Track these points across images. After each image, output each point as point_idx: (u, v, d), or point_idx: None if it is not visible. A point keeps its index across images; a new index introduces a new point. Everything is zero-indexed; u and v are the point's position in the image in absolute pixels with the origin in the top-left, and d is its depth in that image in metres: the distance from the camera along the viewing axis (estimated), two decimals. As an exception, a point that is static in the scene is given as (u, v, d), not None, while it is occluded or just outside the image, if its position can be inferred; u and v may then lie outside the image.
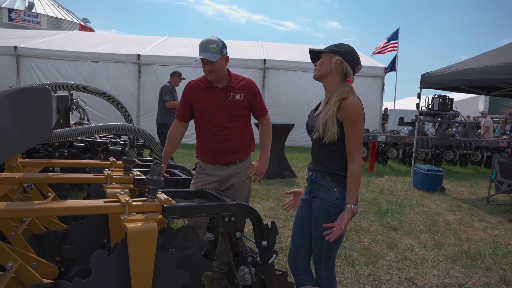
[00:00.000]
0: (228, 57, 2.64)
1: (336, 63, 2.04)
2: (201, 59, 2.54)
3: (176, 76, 7.37)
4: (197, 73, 11.10)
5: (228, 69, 2.70)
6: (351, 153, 2.02)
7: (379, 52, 17.98)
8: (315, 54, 2.16)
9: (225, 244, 2.75)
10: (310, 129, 2.17)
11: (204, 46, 2.53)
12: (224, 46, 2.59)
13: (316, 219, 2.12)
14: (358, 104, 2.01)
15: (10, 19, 27.08)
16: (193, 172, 3.05)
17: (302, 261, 2.29)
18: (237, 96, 2.65)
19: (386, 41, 17.72)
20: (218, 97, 2.63)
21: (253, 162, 2.80)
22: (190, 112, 2.75)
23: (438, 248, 4.07)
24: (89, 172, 3.76)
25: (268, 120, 2.86)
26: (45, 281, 2.06)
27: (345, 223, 1.98)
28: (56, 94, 3.40)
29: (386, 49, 17.72)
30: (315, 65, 2.13)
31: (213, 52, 2.52)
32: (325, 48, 2.10)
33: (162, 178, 1.89)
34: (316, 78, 2.15)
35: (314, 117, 2.16)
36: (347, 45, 2.10)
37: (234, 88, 2.66)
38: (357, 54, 2.09)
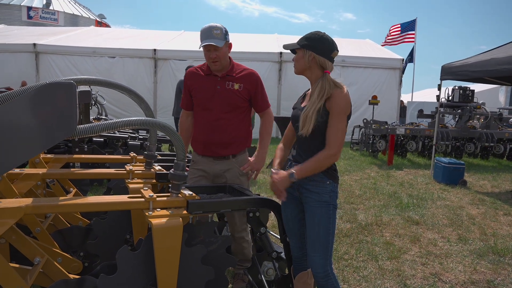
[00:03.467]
0: (231, 44, 2.55)
1: (309, 59, 1.97)
2: (205, 46, 2.42)
3: None
4: (213, 67, 10.97)
5: (230, 58, 2.59)
6: (328, 141, 1.92)
7: (392, 44, 17.52)
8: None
9: (236, 244, 2.64)
10: (296, 120, 2.07)
11: (208, 32, 2.41)
12: (227, 32, 2.48)
13: (314, 211, 1.99)
14: (345, 96, 1.93)
15: (29, 17, 27.59)
16: None
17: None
18: (236, 86, 2.53)
19: (399, 28, 17.22)
20: (216, 86, 2.53)
21: (249, 158, 2.67)
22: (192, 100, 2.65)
23: (463, 243, 3.97)
24: (108, 167, 3.77)
25: (270, 115, 2.72)
26: (70, 276, 2.07)
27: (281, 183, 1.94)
28: (78, 90, 3.42)
29: (402, 40, 17.31)
30: (293, 60, 2.06)
31: (218, 38, 2.40)
32: (297, 43, 1.99)
33: (186, 173, 1.87)
34: (297, 73, 2.08)
35: (301, 109, 2.05)
36: (317, 35, 1.98)
37: (233, 77, 2.54)
38: (329, 41, 1.98)
